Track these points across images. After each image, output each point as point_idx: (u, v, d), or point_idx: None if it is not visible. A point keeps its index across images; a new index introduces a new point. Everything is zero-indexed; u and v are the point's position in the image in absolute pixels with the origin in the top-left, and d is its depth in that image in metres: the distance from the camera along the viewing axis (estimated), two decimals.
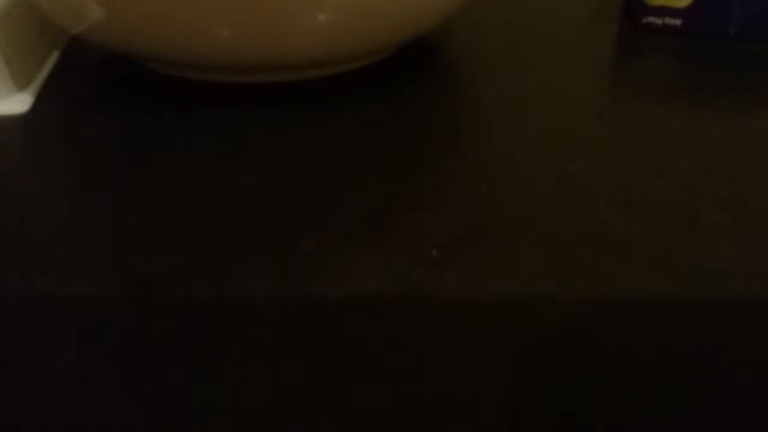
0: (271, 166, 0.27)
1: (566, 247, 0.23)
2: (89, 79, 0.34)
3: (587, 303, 0.21)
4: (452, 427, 0.17)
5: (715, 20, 0.37)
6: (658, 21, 0.38)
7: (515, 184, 0.26)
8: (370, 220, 0.24)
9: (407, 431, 0.17)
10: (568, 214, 0.24)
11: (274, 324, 0.20)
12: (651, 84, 0.34)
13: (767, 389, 0.19)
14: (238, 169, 0.27)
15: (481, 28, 0.40)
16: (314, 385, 0.18)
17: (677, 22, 0.38)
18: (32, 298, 0.20)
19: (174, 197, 0.25)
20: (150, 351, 0.19)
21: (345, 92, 0.32)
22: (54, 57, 0.36)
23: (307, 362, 0.19)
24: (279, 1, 0.28)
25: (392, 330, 0.20)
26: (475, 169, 0.27)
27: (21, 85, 0.32)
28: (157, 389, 0.18)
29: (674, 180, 0.26)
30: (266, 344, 0.19)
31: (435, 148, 0.28)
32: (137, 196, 0.25)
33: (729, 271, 0.22)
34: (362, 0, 0.29)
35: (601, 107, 0.32)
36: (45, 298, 0.20)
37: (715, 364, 0.19)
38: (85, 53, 0.36)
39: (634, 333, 0.20)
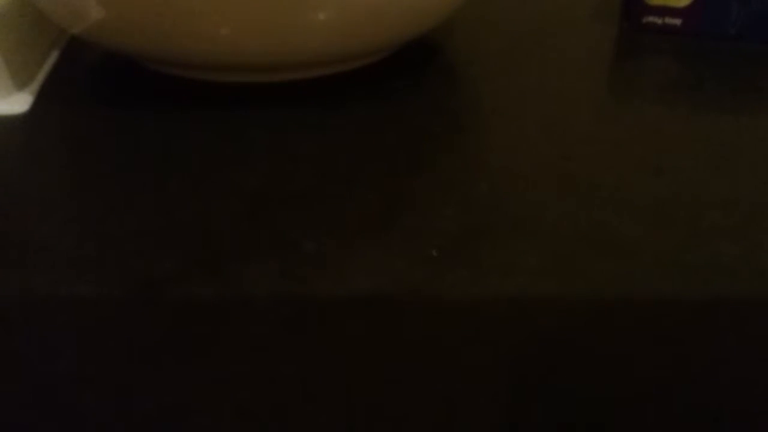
0: (271, 166, 0.27)
1: (566, 246, 0.23)
2: (89, 78, 0.34)
3: (587, 303, 0.21)
4: (453, 427, 0.17)
5: (715, 20, 0.37)
6: (658, 20, 0.38)
7: (515, 183, 0.26)
8: (370, 220, 0.24)
9: (407, 431, 0.18)
10: (567, 214, 0.24)
11: (273, 324, 0.20)
12: (651, 83, 0.34)
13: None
14: (238, 169, 0.27)
15: (481, 27, 0.40)
16: (314, 384, 0.18)
17: (677, 21, 0.38)
18: (32, 298, 0.20)
19: (174, 197, 0.25)
20: (150, 350, 0.19)
21: (346, 92, 0.32)
22: (54, 56, 0.36)
23: (306, 362, 0.19)
24: (279, 1, 0.28)
25: (392, 330, 0.20)
26: (474, 168, 0.27)
27: (21, 85, 0.32)
28: (157, 388, 0.18)
29: (673, 179, 0.26)
30: (266, 344, 0.19)
31: (435, 148, 0.28)
32: (137, 195, 0.25)
33: (728, 270, 0.22)
34: (362, 0, 0.29)
35: (601, 107, 0.32)
36: (45, 298, 0.20)
37: (716, 364, 0.19)
38: (84, 53, 0.36)
39: (634, 332, 0.20)
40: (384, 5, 0.30)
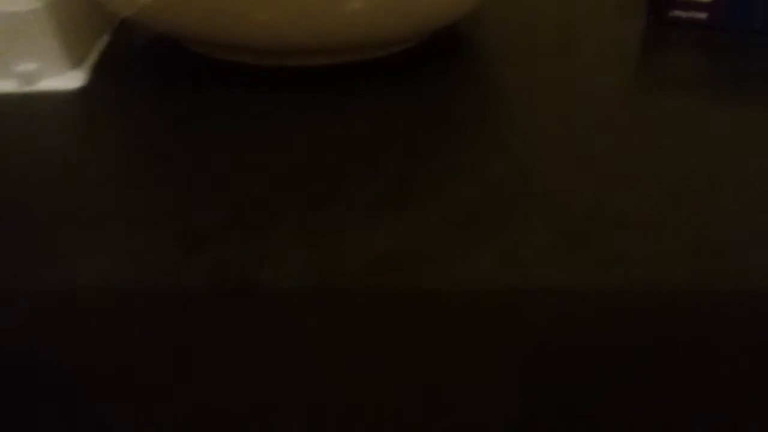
0: (302, 143, 0.28)
1: (578, 219, 0.24)
2: (136, 59, 0.36)
3: (593, 272, 0.22)
4: (471, 388, 0.19)
5: (739, 14, 0.38)
6: (684, 15, 0.39)
7: (533, 164, 0.27)
8: (392, 193, 0.25)
9: (425, 388, 0.19)
10: (581, 190, 0.25)
11: (300, 279, 0.21)
12: (674, 75, 0.35)
13: None
14: (271, 144, 0.28)
15: (509, 19, 0.41)
16: (334, 341, 0.20)
17: (702, 15, 0.39)
18: (90, 248, 0.22)
19: (213, 166, 0.27)
20: (195, 297, 0.21)
21: (375, 77, 0.34)
22: (105, 39, 0.38)
23: (330, 316, 0.20)
24: None
25: (406, 292, 0.21)
26: (493, 150, 0.28)
27: (75, 64, 0.34)
28: (199, 326, 0.20)
29: (688, 163, 0.27)
30: (295, 296, 0.21)
31: (457, 131, 0.29)
32: (181, 163, 0.27)
33: (733, 248, 0.23)
34: None
35: (623, 96, 0.33)
36: (100, 249, 0.22)
37: (720, 342, 0.20)
38: (133, 36, 0.38)
39: (636, 307, 0.21)
40: None
